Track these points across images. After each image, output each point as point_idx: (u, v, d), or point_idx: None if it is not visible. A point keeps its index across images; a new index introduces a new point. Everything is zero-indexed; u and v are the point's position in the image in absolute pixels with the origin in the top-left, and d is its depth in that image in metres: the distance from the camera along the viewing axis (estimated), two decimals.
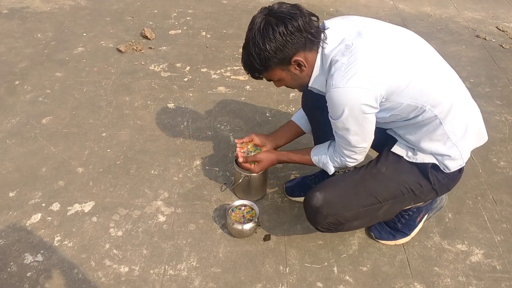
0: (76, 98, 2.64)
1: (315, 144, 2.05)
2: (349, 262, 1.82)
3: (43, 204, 2.00)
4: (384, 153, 1.67)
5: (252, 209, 1.92)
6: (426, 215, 1.92)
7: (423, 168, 1.61)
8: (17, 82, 2.75)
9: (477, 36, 3.48)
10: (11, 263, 1.76)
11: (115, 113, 2.54)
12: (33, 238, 1.86)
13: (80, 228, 1.91)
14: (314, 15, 1.47)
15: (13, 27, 3.32)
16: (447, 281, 1.76)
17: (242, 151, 1.91)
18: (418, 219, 1.90)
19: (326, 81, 1.47)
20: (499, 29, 3.61)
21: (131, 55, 3.05)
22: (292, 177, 2.18)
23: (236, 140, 1.93)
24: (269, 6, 1.47)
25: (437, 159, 1.59)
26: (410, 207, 1.84)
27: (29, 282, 1.70)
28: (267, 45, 1.42)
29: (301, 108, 1.94)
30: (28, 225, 1.91)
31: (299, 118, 1.96)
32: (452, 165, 1.59)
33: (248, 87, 2.79)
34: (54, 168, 2.18)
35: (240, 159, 1.87)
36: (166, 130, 2.44)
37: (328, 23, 1.52)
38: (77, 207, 2.00)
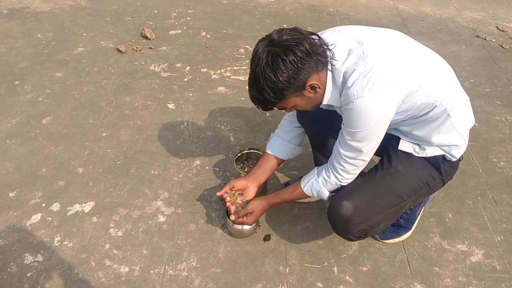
0: (76, 98, 2.64)
1: (314, 159, 2.05)
2: (349, 262, 1.82)
3: (43, 204, 2.00)
4: (391, 152, 1.67)
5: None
6: (424, 206, 1.94)
7: (434, 161, 1.63)
8: (17, 82, 2.75)
9: (477, 36, 3.48)
10: (11, 263, 1.76)
11: (115, 113, 2.54)
12: (33, 238, 1.86)
13: (80, 228, 1.91)
14: (313, 33, 1.44)
15: (13, 27, 3.32)
16: (447, 281, 1.76)
17: (230, 204, 1.85)
18: (418, 212, 1.93)
19: (341, 95, 1.46)
20: (499, 29, 3.61)
21: (131, 55, 3.05)
22: (292, 177, 2.18)
23: (217, 194, 1.85)
24: (267, 36, 1.42)
25: (444, 150, 1.61)
26: None
27: (29, 282, 1.70)
28: (280, 77, 1.37)
29: (273, 135, 1.92)
30: (28, 225, 1.91)
31: (275, 148, 1.90)
32: (458, 153, 1.63)
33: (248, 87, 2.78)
34: (54, 168, 2.18)
35: (232, 217, 1.79)
36: (166, 130, 2.44)
37: (327, 38, 1.49)
38: (77, 207, 2.00)
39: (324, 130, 1.84)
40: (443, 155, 1.62)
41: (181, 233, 1.91)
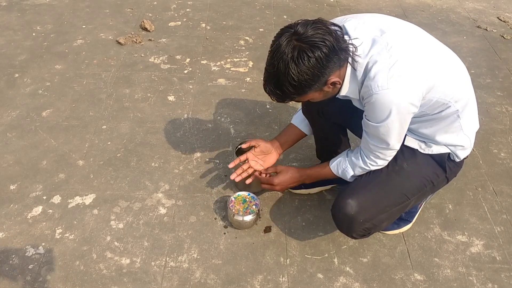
0: (76, 91, 2.64)
1: (317, 151, 2.05)
2: (349, 254, 1.82)
3: (44, 197, 2.01)
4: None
5: (253, 200, 1.92)
6: (425, 200, 1.94)
7: (439, 159, 1.62)
8: (16, 75, 2.74)
9: (478, 27, 3.46)
10: (13, 256, 1.77)
11: (115, 106, 2.54)
12: (34, 230, 1.87)
13: (81, 221, 1.91)
14: (336, 25, 1.39)
15: (12, 20, 3.30)
16: (447, 272, 1.77)
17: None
18: (420, 205, 1.94)
19: (362, 86, 1.41)
20: (500, 20, 3.59)
21: (131, 47, 3.04)
22: None
23: (241, 158, 1.87)
24: (290, 28, 1.35)
25: (450, 149, 1.61)
26: None
27: (31, 275, 1.71)
28: (305, 75, 1.32)
29: (299, 110, 1.91)
30: (29, 217, 1.92)
31: (300, 121, 1.92)
32: (463, 154, 1.63)
33: (248, 79, 2.78)
34: (55, 161, 2.18)
35: (261, 175, 1.86)
36: (166, 123, 2.44)
37: (350, 29, 1.43)
38: (78, 199, 2.00)
39: (329, 124, 1.85)
40: (449, 154, 1.62)
41: (181, 225, 1.91)
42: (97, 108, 2.52)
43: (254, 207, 1.89)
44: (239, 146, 2.08)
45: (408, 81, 1.36)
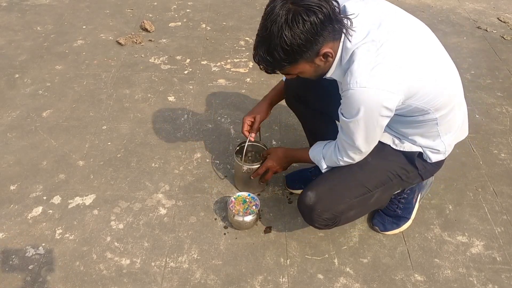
0: (76, 91, 2.64)
1: (307, 137, 2.06)
2: (349, 254, 1.82)
3: (44, 197, 2.00)
4: None
5: (253, 201, 1.92)
6: (419, 194, 1.94)
7: (409, 156, 1.62)
8: (17, 75, 2.74)
9: (478, 28, 3.47)
10: (13, 256, 1.77)
11: (115, 106, 2.54)
12: (34, 231, 1.87)
13: (81, 221, 1.91)
14: (335, 0, 1.33)
15: (12, 20, 3.30)
16: (447, 273, 1.77)
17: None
18: (414, 200, 1.93)
19: (345, 75, 1.38)
20: (501, 20, 3.59)
21: (131, 47, 3.04)
22: (293, 169, 2.18)
23: (244, 131, 1.90)
24: None
25: (423, 150, 1.62)
26: (399, 191, 1.89)
27: (31, 275, 1.71)
28: (298, 39, 1.27)
29: None
30: (29, 218, 1.92)
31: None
32: (434, 158, 1.64)
33: (248, 79, 2.78)
34: (55, 161, 2.18)
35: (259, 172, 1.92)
36: (166, 123, 2.44)
37: (349, 6, 1.38)
38: (78, 200, 2.00)
39: (311, 112, 1.85)
40: (420, 153, 1.62)
41: (182, 226, 1.91)
42: (97, 108, 2.52)
43: (254, 207, 1.89)
44: (237, 148, 2.08)
45: (388, 85, 1.32)
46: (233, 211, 1.86)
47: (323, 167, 1.68)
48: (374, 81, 1.31)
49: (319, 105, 1.82)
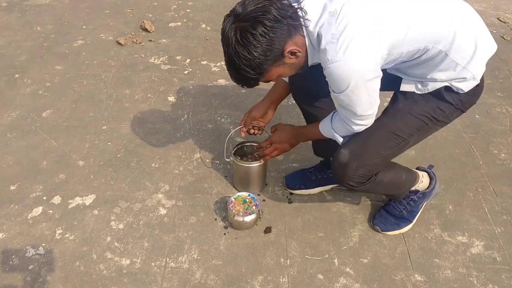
0: (76, 91, 2.64)
1: (313, 146, 2.05)
2: (349, 254, 1.82)
3: (44, 197, 2.00)
4: (393, 96, 1.63)
5: (253, 201, 1.92)
6: (426, 201, 1.94)
7: (438, 94, 1.54)
8: (17, 76, 2.74)
9: None
10: (13, 256, 1.77)
11: (115, 106, 2.54)
12: (34, 231, 1.87)
13: (81, 221, 1.91)
14: None
15: (12, 20, 3.30)
16: (447, 273, 1.77)
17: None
18: (421, 205, 1.93)
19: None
20: (501, 20, 3.59)
21: (131, 47, 3.04)
22: (292, 170, 2.18)
23: (240, 128, 1.90)
24: (232, 11, 1.34)
25: (449, 83, 1.51)
26: (416, 188, 1.90)
27: (31, 275, 1.71)
28: (254, 53, 1.31)
29: None
30: (29, 218, 1.92)
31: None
32: (465, 86, 1.51)
33: None
34: (55, 162, 2.18)
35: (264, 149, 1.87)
36: (166, 123, 2.44)
37: None
38: (78, 200, 2.00)
39: (309, 87, 1.81)
40: (447, 86, 1.51)
41: (182, 226, 1.91)
42: (97, 108, 2.52)
43: (254, 207, 1.89)
44: (236, 148, 2.08)
45: (360, 48, 1.29)
46: (233, 211, 1.86)
47: (339, 140, 1.63)
48: (344, 52, 1.29)
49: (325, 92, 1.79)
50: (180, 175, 2.14)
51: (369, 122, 1.54)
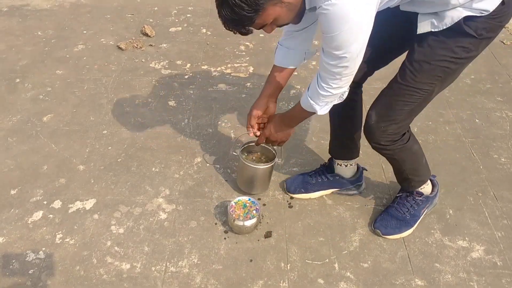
0: (77, 96, 2.65)
1: (330, 143, 2.04)
2: (350, 259, 1.82)
3: (45, 202, 2.01)
4: (409, 45, 1.55)
5: (254, 205, 1.92)
6: (427, 208, 1.95)
7: (456, 28, 1.42)
8: (17, 80, 2.75)
9: None
10: (13, 261, 1.77)
11: (116, 111, 2.54)
12: (34, 235, 1.87)
13: (81, 226, 1.91)
14: None
15: (13, 25, 3.31)
16: (448, 277, 1.76)
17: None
18: (423, 210, 1.93)
19: None
20: None
21: (132, 52, 3.05)
22: (293, 174, 2.18)
23: (248, 131, 1.86)
24: None
25: (468, 8, 1.38)
26: (421, 190, 1.91)
27: (31, 280, 1.70)
28: None
29: (278, 45, 1.75)
30: (29, 222, 1.92)
31: (282, 59, 1.76)
32: (489, 5, 1.37)
33: (248, 84, 2.79)
34: (56, 166, 2.18)
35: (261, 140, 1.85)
36: (167, 128, 2.44)
37: None
38: (78, 204, 2.00)
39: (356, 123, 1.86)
40: (466, 16, 1.39)
41: (182, 230, 1.91)
42: (97, 113, 2.52)
43: (254, 212, 1.89)
44: (242, 146, 2.04)
45: None
46: (234, 215, 1.86)
47: (316, 109, 1.55)
48: None
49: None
50: (180, 179, 2.15)
51: (345, 80, 1.45)
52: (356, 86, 1.75)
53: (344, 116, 1.88)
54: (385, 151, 1.74)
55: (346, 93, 1.55)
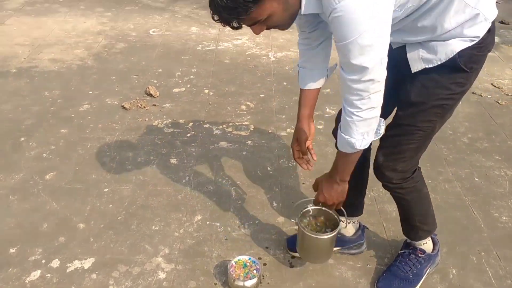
0: (80, 154, 2.68)
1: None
2: None
3: (43, 261, 1.98)
4: (401, 83, 1.56)
5: (254, 265, 1.90)
6: (430, 267, 1.92)
7: (449, 63, 1.44)
8: (22, 139, 2.80)
9: (473, 93, 3.56)
10: None
11: (118, 169, 2.57)
12: None
13: (79, 285, 1.88)
14: None
15: (21, 86, 3.41)
16: None
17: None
18: (425, 269, 1.90)
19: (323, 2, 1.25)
20: (494, 86, 3.70)
21: (136, 112, 3.12)
22: (294, 232, 2.17)
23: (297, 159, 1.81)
24: None
25: (460, 37, 1.40)
26: (423, 248, 1.91)
27: None
28: None
29: (298, 68, 1.74)
30: (27, 282, 1.89)
31: (306, 81, 1.73)
32: (479, 30, 1.40)
33: (249, 142, 2.83)
34: (56, 224, 2.18)
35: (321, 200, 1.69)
36: (167, 185, 2.46)
37: None
38: (76, 263, 1.98)
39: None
40: (460, 51, 1.41)
41: None
42: (100, 171, 2.55)
43: (255, 271, 1.86)
44: (304, 210, 1.85)
45: None
46: (234, 275, 1.84)
47: (354, 142, 1.44)
48: None
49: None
50: (180, 237, 2.13)
51: (376, 99, 1.35)
52: None
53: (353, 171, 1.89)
54: (396, 190, 1.74)
55: (383, 128, 1.50)
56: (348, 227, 2.02)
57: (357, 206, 2.00)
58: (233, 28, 1.28)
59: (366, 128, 1.42)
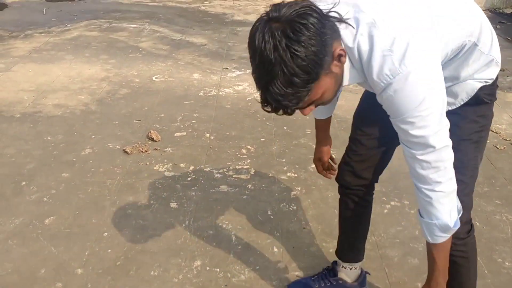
0: (81, 198, 2.68)
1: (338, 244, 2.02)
2: None
3: None
4: None
5: None
6: None
7: (471, 101, 1.48)
8: (23, 183, 2.81)
9: None
10: None
11: (118, 213, 2.56)
12: None
13: None
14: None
15: (24, 130, 3.46)
16: None
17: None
18: None
19: (365, 72, 1.24)
20: (492, 131, 3.73)
21: (137, 156, 3.15)
22: (295, 279, 2.14)
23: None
24: (261, 20, 1.13)
25: (476, 79, 1.46)
26: None
27: None
28: (311, 47, 1.08)
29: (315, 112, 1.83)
30: None
31: (320, 113, 1.85)
32: (492, 73, 1.47)
33: (250, 185, 2.84)
34: (53, 269, 2.15)
35: None
36: (167, 230, 2.44)
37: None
38: None
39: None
40: (480, 87, 1.46)
41: None
42: (100, 215, 2.54)
43: None
44: None
45: (419, 53, 1.18)
46: None
47: (445, 222, 1.33)
48: (404, 61, 1.16)
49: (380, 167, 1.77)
50: (179, 284, 2.10)
51: (448, 165, 1.29)
52: (369, 187, 1.81)
53: (356, 216, 1.88)
54: (461, 247, 1.61)
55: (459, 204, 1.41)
56: (350, 272, 1.99)
57: (360, 250, 1.98)
58: (288, 114, 1.19)
59: (450, 205, 1.33)
